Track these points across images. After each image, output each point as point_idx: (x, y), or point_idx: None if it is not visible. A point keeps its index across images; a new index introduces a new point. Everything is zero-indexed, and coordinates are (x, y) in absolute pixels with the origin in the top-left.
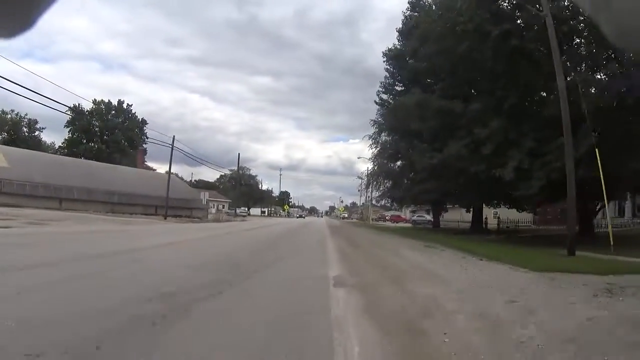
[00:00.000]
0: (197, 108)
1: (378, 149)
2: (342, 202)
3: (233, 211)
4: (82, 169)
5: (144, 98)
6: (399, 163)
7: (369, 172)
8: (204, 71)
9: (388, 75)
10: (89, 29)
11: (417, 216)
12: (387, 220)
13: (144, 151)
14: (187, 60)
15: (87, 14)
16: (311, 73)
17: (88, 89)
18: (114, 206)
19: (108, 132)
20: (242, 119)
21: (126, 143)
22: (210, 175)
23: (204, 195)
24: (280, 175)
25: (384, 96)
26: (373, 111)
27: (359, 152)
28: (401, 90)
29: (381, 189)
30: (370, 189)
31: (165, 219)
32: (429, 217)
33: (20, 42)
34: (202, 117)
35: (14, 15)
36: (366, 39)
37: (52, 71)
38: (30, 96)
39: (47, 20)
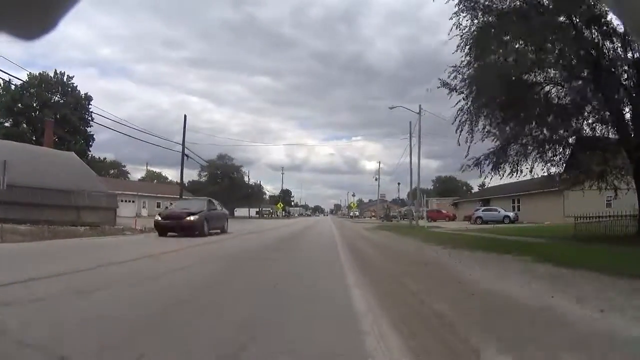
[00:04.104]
0: (198, 110)
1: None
2: (353, 195)
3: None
4: None
5: (144, 102)
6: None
7: (470, 90)
8: (203, 73)
9: None
10: (86, 36)
11: (484, 210)
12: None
13: (54, 123)
14: (186, 63)
15: (85, 20)
16: (311, 71)
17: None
18: None
19: (38, 111)
20: (243, 119)
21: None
22: None
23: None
24: (283, 174)
25: None
26: (374, 110)
27: (361, 150)
28: None
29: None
30: (471, 126)
31: None
32: (504, 212)
33: (20, 52)
34: (203, 119)
35: (35, 17)
36: (366, 35)
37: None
38: None
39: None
